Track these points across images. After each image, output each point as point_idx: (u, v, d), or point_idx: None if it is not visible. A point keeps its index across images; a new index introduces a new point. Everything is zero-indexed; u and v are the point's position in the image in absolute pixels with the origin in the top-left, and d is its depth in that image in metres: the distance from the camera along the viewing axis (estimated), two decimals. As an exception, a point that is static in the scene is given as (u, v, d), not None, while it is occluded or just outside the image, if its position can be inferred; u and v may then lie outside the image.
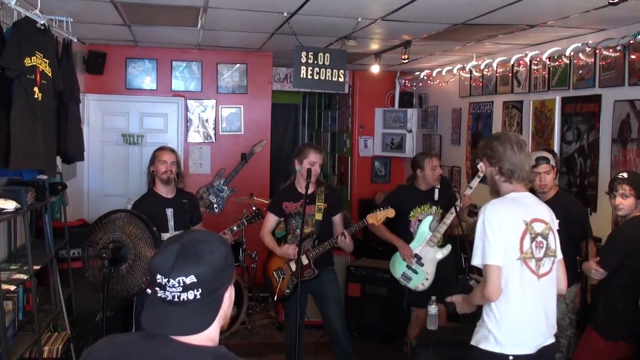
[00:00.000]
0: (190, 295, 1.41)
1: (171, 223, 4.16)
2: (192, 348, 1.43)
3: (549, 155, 4.01)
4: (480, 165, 4.26)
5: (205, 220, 6.34)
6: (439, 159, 4.74)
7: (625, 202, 3.50)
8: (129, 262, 3.63)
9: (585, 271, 3.65)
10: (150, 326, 1.44)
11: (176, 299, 1.41)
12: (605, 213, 4.43)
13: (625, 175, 3.56)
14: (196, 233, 1.53)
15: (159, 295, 1.44)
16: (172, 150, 4.30)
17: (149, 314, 1.45)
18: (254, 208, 4.61)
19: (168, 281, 1.41)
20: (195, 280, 1.41)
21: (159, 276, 1.43)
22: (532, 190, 4.11)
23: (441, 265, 4.54)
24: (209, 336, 1.47)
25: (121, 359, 1.46)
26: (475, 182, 4.28)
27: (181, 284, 1.41)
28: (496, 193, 2.88)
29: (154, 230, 3.71)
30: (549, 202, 3.97)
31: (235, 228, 4.47)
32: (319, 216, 4.19)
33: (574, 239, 3.88)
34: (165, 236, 4.09)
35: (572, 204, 4.02)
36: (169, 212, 4.17)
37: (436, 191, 4.63)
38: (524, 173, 2.79)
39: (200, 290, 1.41)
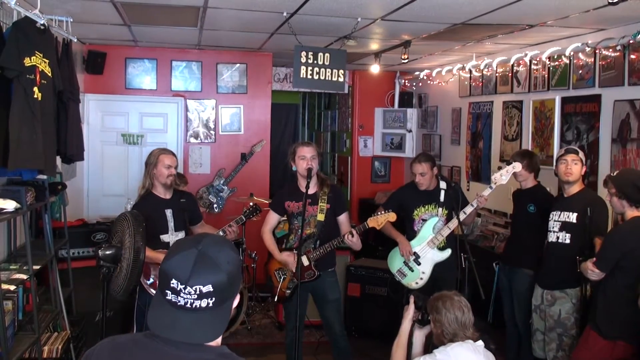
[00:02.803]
0: (204, 303, 1.40)
1: (171, 224, 4.13)
2: (196, 347, 1.43)
3: (580, 152, 4.10)
4: (495, 177, 4.30)
5: (205, 220, 6.35)
6: (430, 163, 4.60)
7: (612, 200, 3.54)
8: (121, 263, 3.61)
9: (583, 271, 3.66)
10: (158, 329, 1.43)
11: (188, 306, 1.40)
12: (605, 213, 4.44)
13: (614, 173, 3.66)
14: (211, 238, 1.50)
15: (168, 298, 1.42)
16: (174, 153, 4.26)
17: (157, 317, 1.44)
18: (251, 204, 4.60)
19: (184, 288, 1.40)
20: (212, 289, 1.40)
21: (174, 281, 1.40)
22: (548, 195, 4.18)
23: (439, 266, 4.55)
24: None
25: (125, 359, 1.46)
26: (487, 192, 4.31)
27: (197, 292, 1.40)
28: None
29: (140, 230, 3.60)
30: (572, 197, 4.02)
31: (233, 224, 4.44)
32: (321, 217, 4.17)
33: (590, 235, 3.89)
34: (164, 238, 4.08)
35: (594, 200, 4.04)
36: (169, 212, 4.14)
37: (442, 192, 4.62)
38: (468, 332, 2.81)
39: (213, 299, 1.41)
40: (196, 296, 1.40)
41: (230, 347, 1.51)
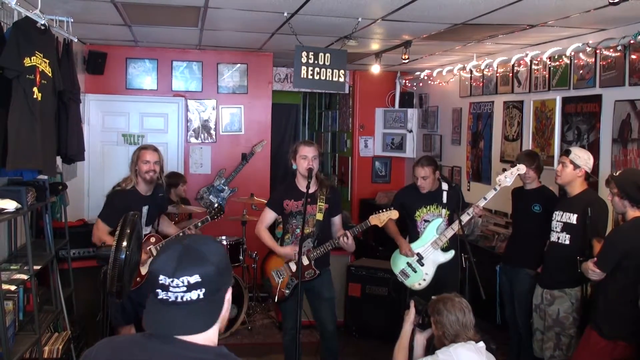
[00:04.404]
0: (194, 295, 1.42)
1: (143, 220, 4.16)
2: (195, 347, 1.43)
3: (579, 152, 4.06)
4: (499, 179, 4.30)
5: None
6: (432, 167, 4.59)
7: (613, 200, 3.54)
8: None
9: (584, 272, 3.66)
10: (155, 329, 1.44)
11: (179, 300, 1.41)
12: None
13: (617, 173, 3.65)
14: (195, 235, 1.55)
15: (160, 297, 1.43)
16: (156, 149, 4.25)
17: (153, 317, 1.45)
18: (215, 205, 4.74)
19: (172, 281, 1.41)
20: (200, 280, 1.42)
21: (161, 277, 1.42)
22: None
23: (442, 268, 4.55)
24: (209, 337, 1.47)
25: (124, 359, 1.47)
26: (491, 194, 4.29)
27: (185, 284, 1.41)
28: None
29: (127, 232, 3.58)
30: (574, 198, 4.03)
31: (199, 224, 4.57)
32: (319, 216, 4.18)
33: (589, 236, 3.89)
34: None
35: (594, 201, 4.03)
36: (145, 209, 4.17)
37: (444, 193, 4.62)
38: (469, 333, 2.83)
39: (204, 290, 1.42)
40: (185, 288, 1.41)
41: (231, 347, 1.51)
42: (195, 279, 1.41)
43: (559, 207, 4.15)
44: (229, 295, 1.52)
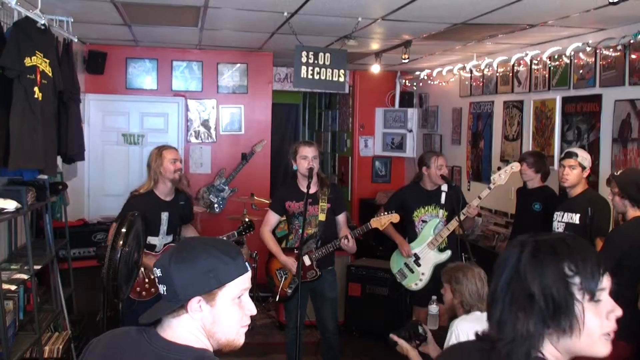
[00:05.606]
0: (162, 288, 1.47)
1: (164, 227, 4.05)
2: (177, 347, 1.45)
3: (583, 154, 4.06)
4: (493, 177, 4.31)
5: (205, 220, 6.39)
6: (445, 158, 4.72)
7: (614, 199, 3.55)
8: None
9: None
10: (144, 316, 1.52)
11: (160, 291, 1.49)
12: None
13: (618, 172, 3.65)
14: (213, 241, 1.54)
15: None
16: (174, 148, 4.21)
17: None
18: (246, 220, 4.60)
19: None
20: (160, 274, 1.47)
21: None
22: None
23: (440, 268, 4.55)
24: (194, 338, 1.47)
25: (116, 349, 1.51)
26: (485, 193, 4.29)
27: (156, 274, 1.49)
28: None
29: (122, 231, 3.54)
30: (575, 198, 4.03)
31: (224, 238, 4.45)
32: (322, 217, 4.18)
33: (591, 235, 3.88)
34: (152, 240, 4.02)
35: (595, 200, 4.02)
36: (164, 216, 4.04)
37: (443, 194, 4.62)
38: (483, 306, 2.83)
39: (165, 286, 1.46)
40: (157, 279, 1.48)
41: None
42: (158, 272, 1.47)
43: (560, 208, 4.14)
44: (210, 308, 1.45)
